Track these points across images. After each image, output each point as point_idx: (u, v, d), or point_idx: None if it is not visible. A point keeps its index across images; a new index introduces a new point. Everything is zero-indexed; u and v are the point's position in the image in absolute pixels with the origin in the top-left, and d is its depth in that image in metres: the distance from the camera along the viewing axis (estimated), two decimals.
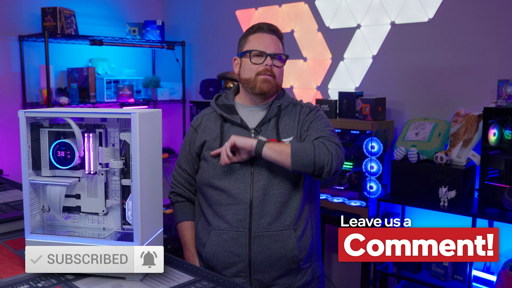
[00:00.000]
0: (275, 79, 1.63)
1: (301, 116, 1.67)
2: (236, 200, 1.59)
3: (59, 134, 1.36)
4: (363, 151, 2.67)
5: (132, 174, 1.26)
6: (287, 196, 1.60)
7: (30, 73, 3.46)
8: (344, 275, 3.20)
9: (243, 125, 1.64)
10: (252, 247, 1.58)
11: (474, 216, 2.26)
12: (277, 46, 1.64)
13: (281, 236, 1.59)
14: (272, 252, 1.58)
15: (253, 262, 1.59)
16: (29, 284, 1.25)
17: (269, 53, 1.61)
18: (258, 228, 1.58)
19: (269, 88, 1.62)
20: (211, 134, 1.68)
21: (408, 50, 2.79)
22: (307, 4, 3.23)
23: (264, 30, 1.64)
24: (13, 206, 2.00)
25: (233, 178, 1.61)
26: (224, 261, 1.61)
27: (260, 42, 1.63)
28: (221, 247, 1.61)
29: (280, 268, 1.60)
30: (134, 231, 1.27)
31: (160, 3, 4.28)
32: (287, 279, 1.62)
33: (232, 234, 1.60)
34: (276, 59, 1.63)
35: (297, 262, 1.61)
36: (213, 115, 1.71)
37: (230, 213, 1.60)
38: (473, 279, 2.34)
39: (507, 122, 2.25)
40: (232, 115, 1.66)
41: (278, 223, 1.59)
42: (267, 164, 1.58)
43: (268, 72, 1.61)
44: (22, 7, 3.41)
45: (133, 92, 3.74)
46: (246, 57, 1.64)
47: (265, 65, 1.61)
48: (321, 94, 3.23)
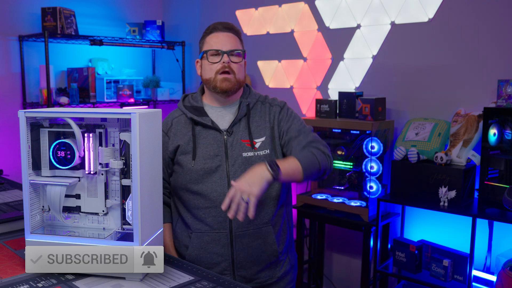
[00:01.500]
0: (235, 76, 1.64)
1: (272, 116, 1.69)
2: (215, 203, 1.61)
3: (59, 134, 1.36)
4: (363, 151, 2.67)
5: (132, 174, 1.26)
6: (264, 195, 1.58)
7: (30, 73, 3.46)
8: (344, 275, 3.20)
9: (215, 127, 1.65)
10: (234, 246, 1.63)
11: (474, 216, 2.26)
12: (234, 43, 1.65)
13: (261, 233, 1.64)
14: (253, 249, 1.64)
15: (236, 260, 1.64)
16: (29, 284, 1.25)
17: (225, 50, 1.62)
18: (238, 228, 1.62)
19: (229, 87, 1.63)
20: (183, 138, 1.68)
21: (408, 50, 2.79)
22: (307, 4, 3.23)
23: (219, 29, 1.66)
24: (13, 206, 2.00)
25: (210, 181, 1.62)
26: (208, 262, 1.65)
27: (216, 41, 1.64)
28: (204, 248, 1.65)
29: (261, 263, 1.66)
30: (134, 231, 1.27)
31: (160, 3, 4.28)
32: (268, 271, 1.68)
33: (214, 235, 1.63)
34: (233, 55, 1.64)
35: (276, 255, 1.68)
36: (182, 118, 1.71)
37: (210, 216, 1.63)
38: (473, 279, 2.34)
39: (507, 122, 2.25)
40: (203, 117, 1.66)
41: (257, 221, 1.63)
42: (242, 165, 1.61)
43: (227, 69, 1.62)
44: (22, 7, 3.41)
45: (133, 92, 3.74)
46: (205, 58, 1.66)
47: (222, 62, 1.62)
48: (321, 94, 3.23)
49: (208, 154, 1.63)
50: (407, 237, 2.79)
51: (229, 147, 1.63)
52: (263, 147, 1.64)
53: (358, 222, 2.66)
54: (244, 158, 1.62)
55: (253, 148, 1.63)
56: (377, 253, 2.67)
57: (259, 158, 1.62)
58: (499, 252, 2.38)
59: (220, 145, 1.64)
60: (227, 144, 1.63)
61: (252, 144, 1.63)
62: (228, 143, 1.64)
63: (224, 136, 1.64)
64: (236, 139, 1.64)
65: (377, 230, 2.59)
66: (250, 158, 1.62)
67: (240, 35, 1.71)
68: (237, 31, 1.70)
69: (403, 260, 2.56)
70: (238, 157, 1.62)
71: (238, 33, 1.70)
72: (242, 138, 1.64)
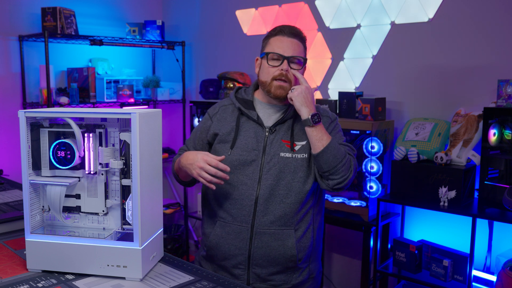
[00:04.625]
0: (291, 85, 1.63)
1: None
2: (242, 195, 1.62)
3: (59, 134, 1.36)
4: (363, 151, 2.67)
5: (132, 174, 1.26)
6: (292, 197, 1.62)
7: (30, 73, 3.46)
8: (344, 275, 3.20)
9: (259, 122, 1.67)
10: (253, 242, 1.62)
11: (474, 216, 2.26)
12: (297, 49, 1.63)
13: (282, 235, 1.62)
14: (271, 249, 1.62)
15: (253, 256, 1.63)
16: (29, 284, 1.25)
17: (286, 56, 1.61)
18: (260, 225, 1.61)
19: (283, 95, 1.63)
20: (226, 126, 1.70)
21: (408, 50, 2.79)
22: (307, 4, 3.23)
23: (285, 33, 1.64)
24: (13, 206, 2.00)
25: (242, 173, 1.63)
26: (225, 252, 1.66)
27: (279, 45, 1.62)
28: (224, 238, 1.66)
29: (277, 265, 1.64)
30: (134, 231, 1.27)
31: (160, 3, 4.28)
32: (284, 276, 1.66)
33: (235, 227, 1.64)
34: (294, 63, 1.63)
35: (294, 261, 1.64)
36: (230, 107, 1.74)
37: (236, 208, 1.64)
38: (473, 279, 2.34)
39: (507, 122, 2.25)
40: (250, 110, 1.69)
41: (280, 222, 1.61)
42: (278, 164, 1.61)
43: (283, 77, 1.61)
44: (22, 7, 3.41)
45: (133, 92, 3.74)
46: (265, 59, 1.65)
47: (280, 69, 1.61)
48: (321, 94, 3.23)
49: (246, 147, 1.64)
50: (407, 237, 2.79)
51: (269, 144, 1.64)
52: (302, 151, 1.64)
53: (358, 222, 2.66)
54: (281, 157, 1.62)
55: (292, 150, 1.63)
56: (377, 253, 2.67)
57: (296, 161, 1.62)
58: (499, 252, 2.38)
59: (260, 141, 1.65)
60: (267, 141, 1.64)
61: (292, 146, 1.63)
62: (268, 140, 1.64)
63: (266, 133, 1.65)
64: (277, 138, 1.65)
65: (377, 230, 2.59)
66: (287, 159, 1.62)
67: (305, 42, 1.69)
68: (303, 38, 1.68)
69: (403, 260, 2.56)
70: (275, 156, 1.62)
71: (303, 40, 1.68)
72: (283, 138, 1.64)
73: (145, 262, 1.30)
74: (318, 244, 1.74)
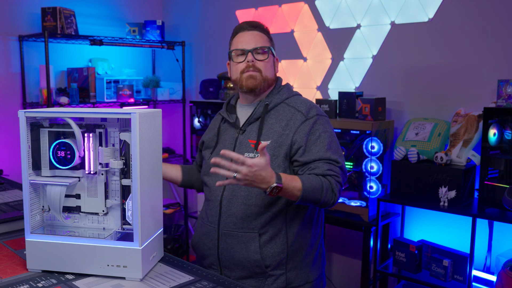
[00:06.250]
0: (262, 74, 1.62)
1: (291, 124, 1.59)
2: (212, 196, 1.66)
3: (59, 134, 1.36)
4: (363, 151, 2.67)
5: (132, 174, 1.26)
6: (253, 199, 1.57)
7: (30, 73, 3.46)
8: (344, 275, 3.20)
9: (235, 125, 1.68)
10: (220, 243, 1.63)
11: (474, 216, 2.26)
12: (259, 40, 1.63)
13: (245, 238, 1.58)
14: (235, 252, 1.59)
15: (221, 258, 1.63)
16: (29, 284, 1.25)
17: (249, 49, 1.62)
18: (225, 226, 1.61)
19: (254, 84, 1.61)
20: (210, 133, 1.77)
21: (408, 50, 2.79)
22: (307, 4, 3.23)
23: (245, 28, 1.66)
24: (13, 206, 2.00)
25: (216, 175, 1.62)
26: (201, 252, 1.69)
27: (241, 40, 1.65)
28: (200, 238, 1.70)
29: (244, 269, 1.59)
30: (134, 231, 1.27)
31: (160, 3, 4.28)
32: (254, 281, 1.60)
33: (207, 228, 1.67)
34: (258, 53, 1.63)
35: (261, 267, 1.57)
36: (220, 116, 1.80)
37: (209, 208, 1.68)
38: (473, 279, 2.34)
39: (507, 122, 2.25)
40: (230, 115, 1.72)
41: (242, 225, 1.58)
42: None
43: (251, 68, 1.61)
44: (22, 7, 3.41)
45: (133, 92, 3.74)
46: (231, 59, 1.67)
47: (246, 62, 1.62)
48: (321, 94, 3.23)
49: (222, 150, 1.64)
50: (407, 237, 2.79)
51: (237, 145, 1.64)
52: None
53: (358, 222, 2.66)
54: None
55: (256, 149, 1.61)
56: (377, 253, 2.67)
57: None
58: (499, 252, 2.38)
59: (231, 142, 1.66)
60: (236, 142, 1.65)
61: (256, 146, 1.61)
62: (238, 141, 1.65)
63: (237, 134, 1.66)
64: (245, 138, 1.64)
65: (377, 230, 2.59)
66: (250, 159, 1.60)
67: (268, 32, 1.68)
68: (264, 29, 1.68)
69: (403, 260, 2.56)
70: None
71: (266, 31, 1.68)
72: (250, 138, 1.63)
73: (145, 262, 1.30)
74: (299, 253, 1.62)
